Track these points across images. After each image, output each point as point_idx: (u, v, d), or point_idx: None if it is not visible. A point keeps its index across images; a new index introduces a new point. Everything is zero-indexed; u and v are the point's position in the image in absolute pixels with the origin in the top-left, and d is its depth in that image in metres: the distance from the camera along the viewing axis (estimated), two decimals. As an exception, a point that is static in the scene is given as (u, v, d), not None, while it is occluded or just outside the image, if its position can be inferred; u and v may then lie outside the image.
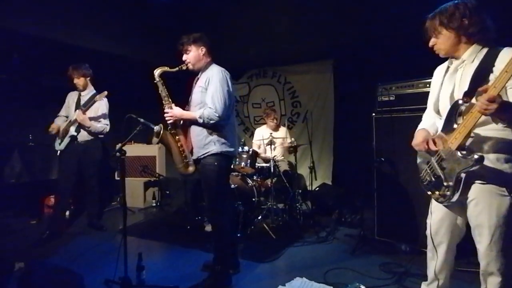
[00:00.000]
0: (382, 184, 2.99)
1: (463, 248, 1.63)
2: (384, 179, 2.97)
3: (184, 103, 2.46)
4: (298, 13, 3.54)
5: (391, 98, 2.97)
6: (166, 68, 2.36)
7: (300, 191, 4.12)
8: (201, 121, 2.24)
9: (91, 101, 3.37)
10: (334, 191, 4.32)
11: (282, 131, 4.55)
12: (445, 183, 1.47)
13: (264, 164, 4.01)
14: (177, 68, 2.37)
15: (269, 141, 3.81)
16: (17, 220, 3.95)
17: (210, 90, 2.26)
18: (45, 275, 2.60)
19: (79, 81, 3.46)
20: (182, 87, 2.69)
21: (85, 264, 2.72)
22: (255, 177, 3.93)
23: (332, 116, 5.15)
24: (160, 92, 2.39)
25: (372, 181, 3.05)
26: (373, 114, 3.06)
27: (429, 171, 1.59)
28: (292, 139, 4.25)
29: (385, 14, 3.35)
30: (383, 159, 2.93)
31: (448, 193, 1.46)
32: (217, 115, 2.21)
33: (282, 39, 4.29)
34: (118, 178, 4.86)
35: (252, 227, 3.52)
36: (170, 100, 2.39)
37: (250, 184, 3.71)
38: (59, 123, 3.51)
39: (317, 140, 5.09)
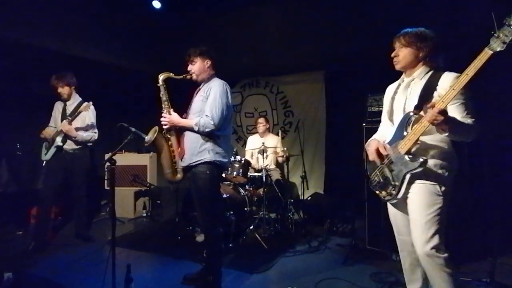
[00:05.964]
0: (373, 194, 3.00)
1: (452, 257, 1.64)
2: (375, 189, 2.99)
3: (182, 111, 2.47)
4: (290, 25, 3.62)
5: (381, 109, 3.01)
6: (171, 74, 2.41)
7: (292, 200, 4.12)
8: (196, 128, 2.27)
9: (77, 111, 3.31)
10: (326, 201, 4.32)
11: (274, 139, 4.56)
12: (392, 183, 1.73)
13: (256, 174, 4.01)
14: (181, 76, 2.42)
15: (261, 149, 3.82)
16: (3, 230, 3.84)
17: (210, 99, 2.31)
18: (31, 287, 2.53)
19: (63, 90, 3.39)
20: (182, 96, 2.69)
21: (72, 276, 2.65)
22: (247, 187, 3.92)
23: (324, 126, 5.19)
24: (161, 95, 2.42)
25: (363, 190, 3.07)
26: (364, 124, 3.11)
27: (378, 173, 1.83)
28: (285, 148, 4.25)
29: (376, 27, 3.44)
30: (373, 168, 2.95)
31: (394, 192, 1.72)
32: (213, 123, 2.25)
33: (275, 49, 4.36)
34: (108, 188, 4.78)
35: (244, 237, 3.49)
36: (169, 105, 2.41)
37: (242, 194, 3.70)
38: (50, 131, 3.46)
39: (309, 150, 5.11)
